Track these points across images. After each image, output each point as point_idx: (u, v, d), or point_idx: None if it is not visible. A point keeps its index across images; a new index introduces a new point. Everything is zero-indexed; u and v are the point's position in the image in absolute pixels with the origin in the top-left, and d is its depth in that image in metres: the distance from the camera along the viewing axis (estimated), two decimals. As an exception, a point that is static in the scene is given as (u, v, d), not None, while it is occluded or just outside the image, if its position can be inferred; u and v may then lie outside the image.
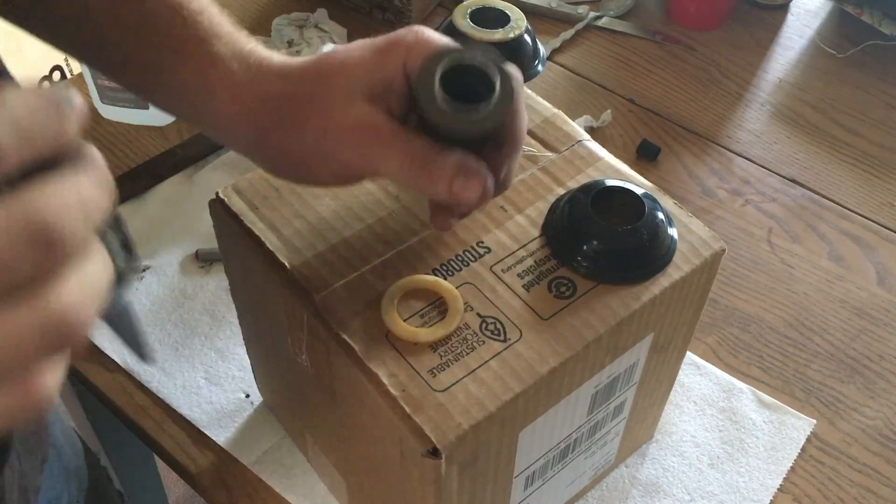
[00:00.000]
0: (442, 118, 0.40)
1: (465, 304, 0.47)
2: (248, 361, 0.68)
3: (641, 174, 0.54)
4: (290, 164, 0.45)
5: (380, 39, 0.43)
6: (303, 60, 0.44)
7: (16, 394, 0.23)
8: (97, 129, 0.88)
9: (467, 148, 0.42)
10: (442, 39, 0.43)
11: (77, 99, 0.24)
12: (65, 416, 0.79)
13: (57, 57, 1.62)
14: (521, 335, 0.46)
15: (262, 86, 0.44)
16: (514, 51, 0.52)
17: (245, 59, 0.44)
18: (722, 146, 0.90)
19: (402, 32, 0.43)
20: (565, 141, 0.56)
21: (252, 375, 0.69)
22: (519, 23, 0.52)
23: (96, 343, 0.71)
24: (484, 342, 0.45)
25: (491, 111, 0.40)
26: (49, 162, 0.24)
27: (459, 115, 0.40)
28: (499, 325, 0.46)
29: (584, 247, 0.48)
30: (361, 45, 0.43)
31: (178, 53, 0.45)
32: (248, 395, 0.69)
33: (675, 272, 0.49)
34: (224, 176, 0.83)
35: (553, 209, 0.51)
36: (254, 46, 0.45)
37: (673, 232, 0.50)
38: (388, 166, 0.42)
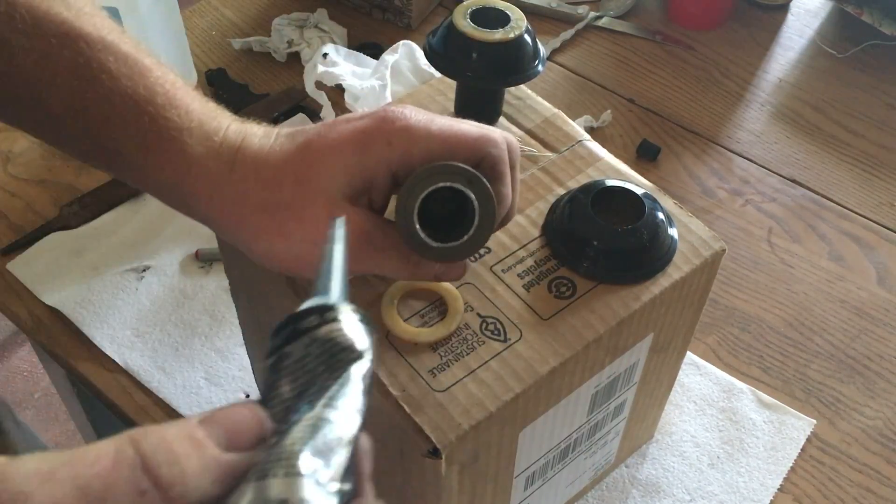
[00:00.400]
0: (425, 253, 0.41)
1: (465, 304, 0.47)
2: (248, 361, 0.68)
3: (641, 174, 0.54)
4: (278, 266, 0.43)
5: (357, 128, 0.41)
6: (279, 154, 0.42)
7: None
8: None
9: None
10: (422, 124, 0.41)
11: None
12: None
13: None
14: (521, 335, 0.46)
15: (240, 188, 0.42)
16: (514, 51, 0.52)
17: (219, 154, 0.42)
18: (722, 146, 0.90)
19: (377, 122, 0.41)
20: (565, 141, 0.56)
21: (252, 375, 0.69)
22: (519, 23, 0.52)
23: (96, 343, 0.71)
24: (484, 342, 0.45)
25: (471, 238, 0.41)
26: None
27: (442, 251, 0.41)
28: (499, 325, 0.46)
29: (584, 247, 0.48)
30: (339, 135, 0.41)
31: (149, 152, 0.42)
32: (248, 395, 0.69)
33: (675, 272, 0.49)
34: (224, 176, 0.83)
35: (553, 209, 0.51)
36: (224, 136, 0.43)
37: (673, 232, 0.50)
38: (382, 269, 0.43)
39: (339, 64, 0.87)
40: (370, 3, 1.01)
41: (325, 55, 0.87)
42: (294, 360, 0.28)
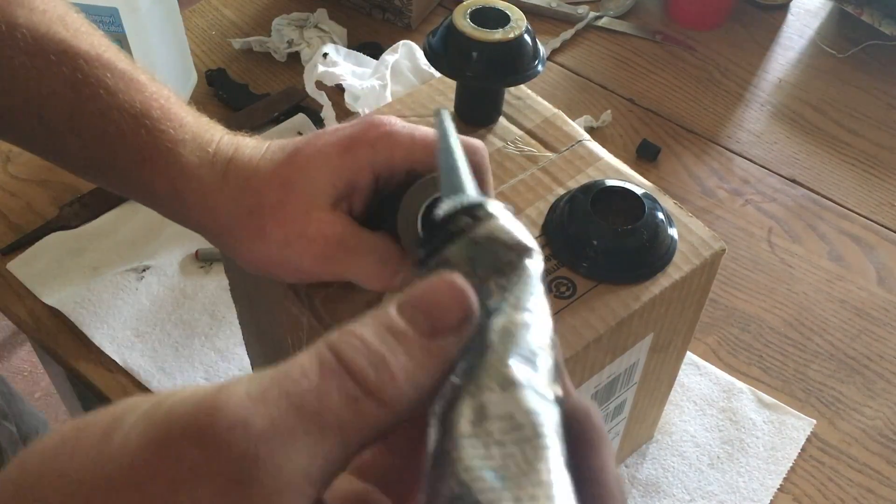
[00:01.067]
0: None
1: (465, 304, 0.47)
2: (248, 361, 0.68)
3: (641, 174, 0.54)
4: (257, 268, 0.45)
5: (344, 134, 0.42)
6: (269, 163, 0.43)
7: None
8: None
9: None
10: (405, 130, 0.42)
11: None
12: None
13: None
14: (521, 335, 0.46)
15: (232, 196, 0.43)
16: (514, 51, 0.52)
17: (212, 165, 0.44)
18: (722, 146, 0.90)
19: (363, 128, 0.42)
20: (565, 141, 0.56)
21: (252, 375, 0.69)
22: (519, 23, 0.52)
23: (96, 343, 0.71)
24: (484, 342, 0.45)
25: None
26: None
27: None
28: (499, 325, 0.46)
29: (584, 247, 0.48)
30: (325, 141, 0.42)
31: (145, 163, 0.44)
32: (248, 395, 0.69)
33: (675, 272, 0.49)
34: (224, 176, 0.83)
35: (553, 209, 0.51)
36: (217, 147, 0.44)
37: (673, 232, 0.50)
38: (354, 274, 0.43)
39: (339, 64, 0.87)
40: (370, 3, 1.01)
41: (325, 55, 0.87)
42: (455, 264, 0.26)
